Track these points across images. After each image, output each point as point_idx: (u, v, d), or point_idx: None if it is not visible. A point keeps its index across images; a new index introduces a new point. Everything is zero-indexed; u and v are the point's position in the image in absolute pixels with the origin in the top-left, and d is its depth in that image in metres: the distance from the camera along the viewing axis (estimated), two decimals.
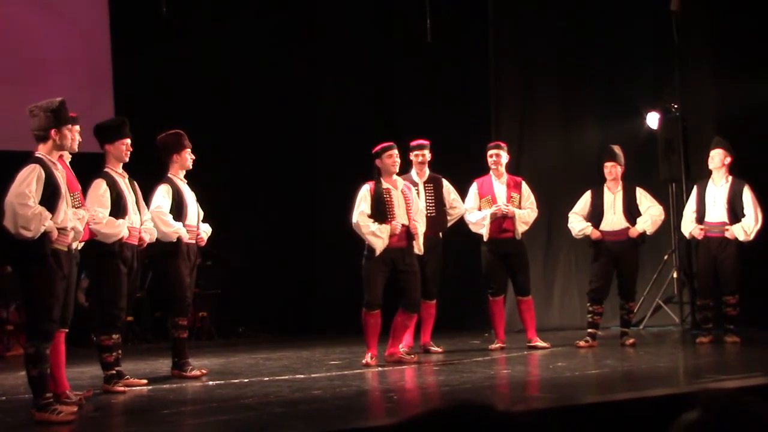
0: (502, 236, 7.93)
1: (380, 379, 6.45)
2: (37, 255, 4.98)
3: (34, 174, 5.00)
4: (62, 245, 5.12)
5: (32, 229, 4.92)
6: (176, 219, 6.58)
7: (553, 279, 10.05)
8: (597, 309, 8.00)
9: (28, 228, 4.91)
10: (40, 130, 5.16)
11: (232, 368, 7.12)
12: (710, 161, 8.02)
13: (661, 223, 8.15)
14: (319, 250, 11.19)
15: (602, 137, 9.45)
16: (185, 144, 6.76)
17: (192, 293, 6.91)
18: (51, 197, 5.04)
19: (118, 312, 6.05)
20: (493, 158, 8.03)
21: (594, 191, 8.14)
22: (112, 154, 6.13)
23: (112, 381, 5.99)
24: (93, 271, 6.31)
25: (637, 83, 10.23)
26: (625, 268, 7.99)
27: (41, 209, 4.96)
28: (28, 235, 4.92)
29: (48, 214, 4.98)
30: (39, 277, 5.00)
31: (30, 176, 4.99)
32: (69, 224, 5.15)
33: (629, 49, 10.22)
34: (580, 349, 7.76)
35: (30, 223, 4.91)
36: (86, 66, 10.04)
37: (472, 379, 6.06)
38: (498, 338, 7.98)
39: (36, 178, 5.00)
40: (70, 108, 5.37)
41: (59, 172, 5.18)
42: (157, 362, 7.53)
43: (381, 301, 6.97)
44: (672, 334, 9.33)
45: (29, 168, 5.03)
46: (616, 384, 6.02)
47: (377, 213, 6.94)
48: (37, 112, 5.18)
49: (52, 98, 5.25)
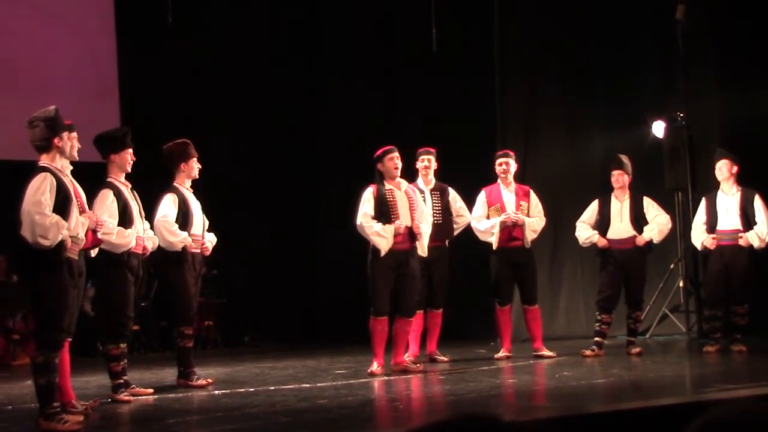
0: (512, 245, 7.93)
1: (386, 388, 6.43)
2: (52, 264, 4.99)
3: (46, 182, 5.01)
4: (74, 254, 5.13)
5: (50, 237, 4.92)
6: (182, 228, 6.58)
7: (559, 288, 10.03)
8: (605, 318, 7.98)
9: (47, 237, 4.92)
10: (42, 140, 5.17)
11: (238, 377, 7.12)
12: (718, 173, 8.00)
13: (668, 231, 8.14)
14: (323, 257, 11.19)
15: (608, 146, 9.45)
16: (192, 153, 6.77)
17: (197, 302, 6.92)
18: (63, 205, 5.05)
19: (125, 320, 6.06)
20: (502, 167, 8.03)
21: (601, 200, 8.14)
22: (116, 163, 6.12)
23: (118, 390, 5.99)
24: (100, 280, 6.31)
25: (642, 92, 10.22)
26: (632, 276, 7.97)
27: (58, 218, 4.97)
28: (47, 244, 4.92)
29: (64, 223, 4.99)
30: (52, 286, 5.00)
31: (43, 185, 4.99)
32: (81, 233, 5.16)
33: (635, 58, 10.22)
34: (587, 358, 7.74)
35: (48, 232, 4.92)
36: (92, 75, 10.08)
37: (477, 389, 6.04)
38: (504, 347, 7.97)
39: (49, 186, 5.01)
40: (77, 118, 5.39)
41: (67, 179, 5.20)
42: (162, 371, 7.52)
43: (389, 307, 6.97)
44: (678, 343, 9.31)
45: (41, 177, 5.03)
46: (622, 393, 6.00)
47: (381, 214, 6.95)
48: (37, 123, 5.19)
49: (46, 108, 5.26)
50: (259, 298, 10.64)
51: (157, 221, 6.50)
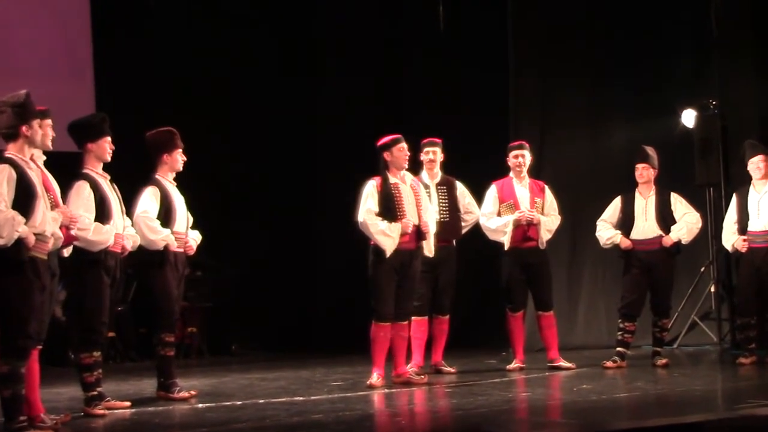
0: (525, 245, 7.93)
1: (387, 401, 6.44)
2: (12, 264, 4.98)
3: (4, 174, 5.01)
4: (41, 253, 5.13)
5: (4, 235, 4.92)
6: (164, 225, 6.56)
7: (578, 293, 10.05)
8: (629, 326, 7.99)
9: (1, 235, 4.93)
10: (8, 127, 5.18)
11: (224, 389, 7.13)
12: (754, 170, 7.95)
13: (698, 231, 8.13)
14: (321, 257, 11.18)
15: (633, 138, 9.42)
16: (177, 143, 6.76)
17: (180, 307, 6.92)
18: (25, 200, 5.04)
19: (99, 327, 6.04)
20: (518, 159, 8.03)
21: (624, 197, 8.14)
22: (93, 153, 6.10)
23: (92, 403, 5.98)
24: (73, 282, 6.29)
25: (671, 78, 10.21)
26: (659, 280, 7.97)
27: (14, 213, 4.96)
28: (0, 243, 4.93)
29: (21, 218, 4.98)
30: (14, 289, 5.00)
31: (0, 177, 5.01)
32: (48, 229, 5.15)
33: (663, 40, 10.21)
34: (608, 370, 7.75)
35: (2, 230, 4.91)
36: (65, 58, 10.03)
37: (487, 403, 6.05)
38: (517, 358, 7.98)
39: (6, 179, 5.00)
40: (48, 104, 5.38)
41: (33, 171, 5.19)
42: (141, 383, 7.52)
43: (393, 312, 6.98)
44: (709, 353, 9.32)
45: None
46: (647, 409, 6.01)
47: (385, 211, 6.93)
48: (4, 108, 5.19)
49: (16, 92, 5.26)
50: (248, 301, 10.63)
51: (136, 217, 6.49)
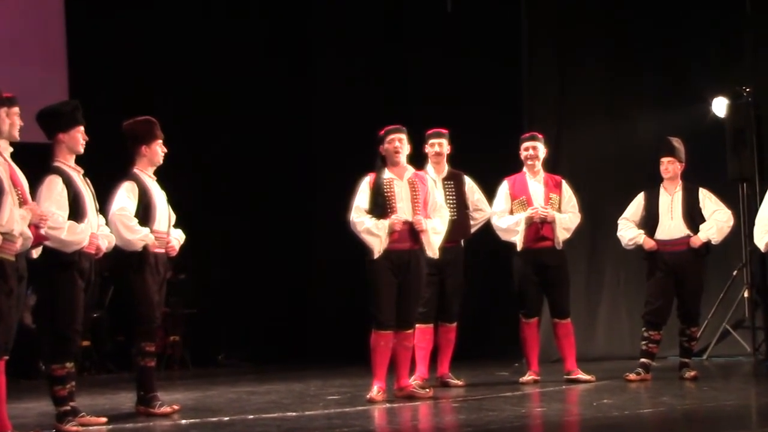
0: (539, 245, 7.91)
1: (388, 417, 6.44)
2: None
3: None
4: (8, 254, 5.09)
5: None
6: (143, 224, 6.53)
7: (598, 298, 10.08)
8: (654, 335, 7.96)
9: None
10: None
11: (210, 404, 7.13)
12: None
13: (729, 230, 8.09)
14: (317, 260, 11.20)
15: (658, 129, 9.47)
16: (157, 134, 6.74)
17: (161, 313, 6.88)
18: None
19: (72, 335, 6.00)
20: (529, 152, 8.02)
21: (648, 193, 8.12)
22: (65, 144, 6.07)
23: (65, 419, 5.93)
24: (43, 286, 6.25)
25: (700, 63, 10.23)
26: (687, 285, 7.94)
27: None
28: None
29: None
30: None
31: None
32: (16, 228, 5.10)
33: (691, 22, 10.23)
34: (631, 384, 7.73)
35: None
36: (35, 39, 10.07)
37: (499, 419, 6.02)
38: (531, 369, 7.96)
39: None
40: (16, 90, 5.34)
41: (1, 166, 5.14)
42: (118, 396, 7.54)
43: (394, 319, 6.97)
44: (742, 365, 9.34)
45: None
46: (674, 426, 5.97)
47: (376, 207, 6.96)
48: None
49: None
50: (237, 307, 10.67)
51: (112, 215, 6.45)
